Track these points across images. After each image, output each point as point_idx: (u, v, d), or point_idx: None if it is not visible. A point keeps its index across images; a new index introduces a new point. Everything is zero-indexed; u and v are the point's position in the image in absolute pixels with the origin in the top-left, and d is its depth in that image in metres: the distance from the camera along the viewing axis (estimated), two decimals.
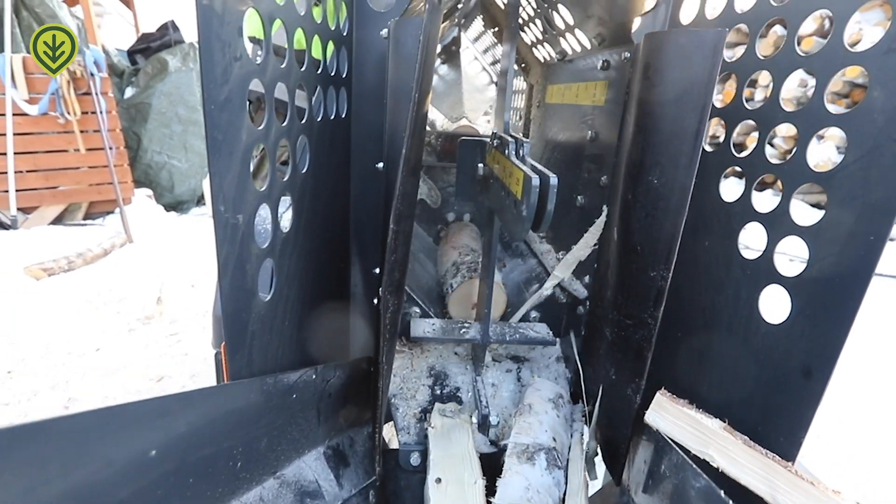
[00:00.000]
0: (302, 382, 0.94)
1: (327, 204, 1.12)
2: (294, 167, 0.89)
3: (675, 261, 0.93)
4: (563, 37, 1.47)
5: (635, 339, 1.00)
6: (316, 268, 1.08)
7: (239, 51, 0.65)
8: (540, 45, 1.75)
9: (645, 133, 0.94)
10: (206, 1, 0.58)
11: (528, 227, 0.78)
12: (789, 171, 0.87)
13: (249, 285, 0.76)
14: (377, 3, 1.18)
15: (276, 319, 0.87)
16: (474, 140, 1.21)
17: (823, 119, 0.82)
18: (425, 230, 2.04)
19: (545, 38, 1.63)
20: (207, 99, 0.60)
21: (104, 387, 2.38)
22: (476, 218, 1.81)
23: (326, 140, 1.07)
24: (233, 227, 0.68)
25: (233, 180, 0.67)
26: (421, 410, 1.26)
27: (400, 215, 0.87)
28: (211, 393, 0.67)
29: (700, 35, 0.83)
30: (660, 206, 0.92)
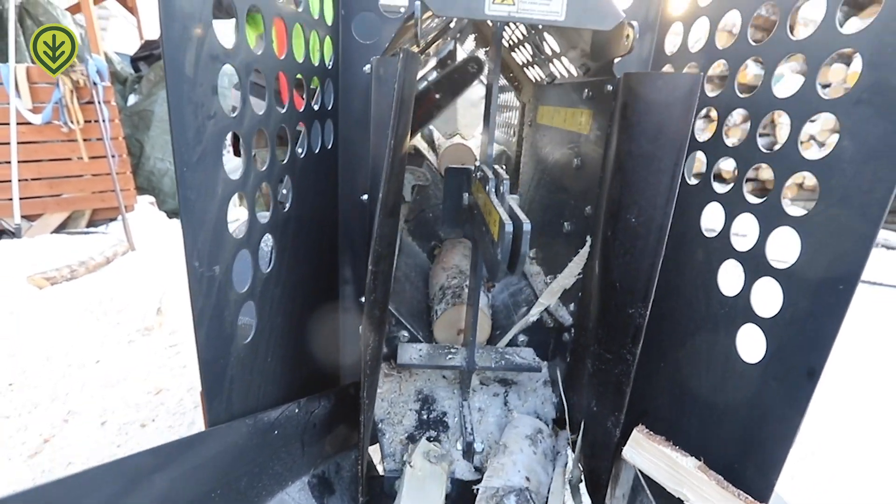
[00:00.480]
0: (284, 418, 0.96)
1: (313, 236, 1.14)
2: (275, 208, 0.90)
3: (659, 293, 0.93)
4: (550, 62, 1.48)
5: (614, 374, 1.01)
6: (302, 300, 1.09)
7: (213, 109, 0.66)
8: (530, 66, 1.75)
9: (623, 171, 0.94)
10: (175, 65, 0.59)
11: (503, 270, 0.79)
12: (765, 211, 0.88)
13: (228, 331, 0.77)
14: (363, 35, 1.20)
15: (257, 359, 0.89)
16: (460, 169, 1.21)
17: (798, 164, 0.82)
18: (420, 246, 2.06)
19: (535, 60, 1.63)
20: (179, 161, 0.61)
21: (103, 399, 2.41)
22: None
23: (311, 174, 1.08)
24: (208, 279, 0.70)
25: (207, 234, 0.69)
26: (407, 437, 1.28)
27: (378, 256, 0.88)
28: (185, 445, 0.69)
29: (676, 78, 0.83)
30: (638, 245, 0.93)
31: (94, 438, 2.14)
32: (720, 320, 0.96)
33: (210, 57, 0.64)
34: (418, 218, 2.03)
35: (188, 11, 0.59)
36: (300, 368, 1.13)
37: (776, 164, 0.86)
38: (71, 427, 2.22)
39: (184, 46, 0.59)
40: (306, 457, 1.06)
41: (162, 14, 0.56)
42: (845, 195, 0.73)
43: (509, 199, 0.88)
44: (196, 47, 0.61)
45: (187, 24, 0.59)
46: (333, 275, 1.35)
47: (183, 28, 0.59)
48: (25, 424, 2.23)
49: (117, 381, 2.54)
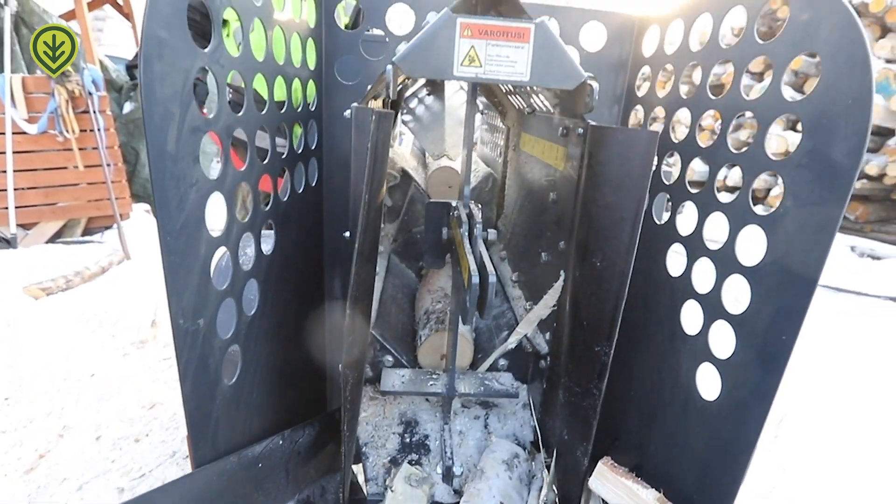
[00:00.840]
0: (268, 451, 1.01)
1: (298, 272, 1.19)
2: (259, 254, 0.95)
3: (629, 326, 0.98)
4: (529, 95, 1.53)
5: (583, 406, 1.06)
6: (286, 333, 1.14)
7: (195, 177, 0.71)
8: (513, 94, 1.80)
9: (589, 218, 0.99)
10: (157, 144, 0.64)
11: (471, 316, 0.84)
12: (721, 257, 0.93)
13: (213, 377, 0.82)
14: (345, 76, 1.24)
15: (242, 396, 0.93)
16: (440, 203, 1.26)
17: (748, 216, 0.87)
18: (409, 266, 2.10)
19: (516, 90, 1.68)
20: (163, 230, 0.66)
21: (98, 413, 2.45)
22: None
23: (295, 214, 1.13)
24: (193, 332, 0.74)
25: (192, 291, 0.73)
26: (390, 460, 1.33)
27: (355, 299, 0.93)
28: (169, 490, 0.73)
29: (636, 134, 0.88)
30: (602, 287, 0.98)
31: (88, 454, 2.18)
32: (682, 357, 1.01)
33: (191, 130, 0.69)
34: (406, 239, 2.08)
35: (169, 94, 0.64)
36: (286, 397, 1.18)
37: (730, 212, 0.92)
38: (66, 442, 2.26)
39: (165, 126, 0.64)
40: (291, 484, 1.10)
41: (144, 100, 0.61)
42: (788, 251, 0.78)
43: (480, 245, 0.93)
44: (177, 124, 0.66)
45: (168, 107, 0.64)
46: (319, 302, 1.40)
47: (164, 110, 0.63)
48: (21, 439, 2.27)
49: (112, 394, 2.58)
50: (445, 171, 2.00)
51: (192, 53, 0.68)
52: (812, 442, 2.46)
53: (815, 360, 3.16)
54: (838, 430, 2.55)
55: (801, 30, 0.77)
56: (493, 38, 0.84)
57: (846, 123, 0.70)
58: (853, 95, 0.68)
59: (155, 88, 0.61)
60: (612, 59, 1.29)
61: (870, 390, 2.93)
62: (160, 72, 0.62)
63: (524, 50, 0.85)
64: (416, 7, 1.23)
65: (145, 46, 0.60)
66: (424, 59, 0.84)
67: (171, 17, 0.62)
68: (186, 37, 0.65)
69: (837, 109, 0.70)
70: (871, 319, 3.76)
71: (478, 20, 0.83)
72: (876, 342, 3.49)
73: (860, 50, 0.66)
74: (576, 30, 1.26)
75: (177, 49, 0.64)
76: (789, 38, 0.79)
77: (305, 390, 1.30)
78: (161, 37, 0.60)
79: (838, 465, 2.30)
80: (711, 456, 0.93)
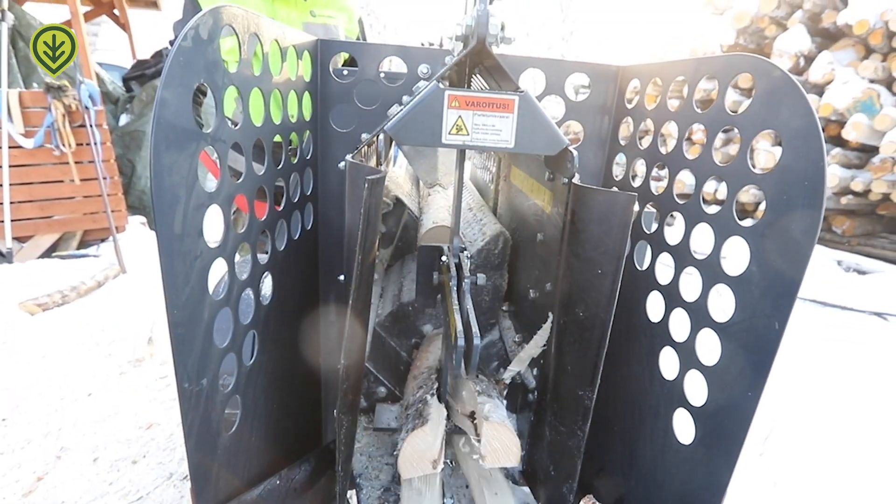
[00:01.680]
0: (266, 492, 1.05)
1: (295, 316, 1.23)
2: (258, 307, 1.00)
3: (611, 365, 1.03)
4: None
5: (567, 446, 1.11)
6: (283, 378, 1.19)
7: (199, 250, 0.76)
8: None
9: (572, 270, 1.05)
10: (166, 226, 0.69)
11: (458, 372, 0.89)
12: (696, 310, 0.99)
13: (214, 430, 0.86)
14: (340, 124, 1.30)
15: (241, 443, 0.98)
16: (432, 247, 1.32)
17: (719, 276, 0.93)
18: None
19: None
20: (170, 304, 0.71)
21: (95, 434, 2.48)
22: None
23: (292, 261, 1.18)
24: (197, 393, 0.79)
25: (196, 355, 0.78)
26: (384, 491, 1.37)
27: (349, 350, 0.98)
28: None
29: (615, 196, 0.94)
30: (585, 336, 1.04)
31: (86, 476, 2.21)
32: (661, 401, 1.07)
33: (196, 208, 0.74)
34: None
35: (177, 181, 0.69)
36: (283, 435, 1.22)
37: (703, 269, 0.97)
38: (63, 464, 2.28)
39: (173, 211, 0.69)
40: None
41: (154, 189, 0.66)
42: (753, 313, 0.84)
43: (467, 301, 0.98)
44: (183, 206, 0.71)
45: (176, 192, 0.69)
46: (315, 339, 1.45)
47: (172, 196, 0.68)
48: (18, 462, 2.29)
49: (109, 415, 2.61)
50: (438, 231, 1.85)
51: (197, 137, 0.73)
52: (799, 457, 2.52)
53: (800, 374, 3.24)
54: (825, 445, 2.61)
55: (765, 108, 0.83)
56: (479, 108, 0.89)
57: (802, 200, 0.76)
58: (808, 176, 0.74)
59: (164, 178, 0.66)
60: (596, 105, 1.35)
61: (855, 405, 3.00)
62: (168, 162, 0.67)
63: (509, 119, 0.90)
64: (406, 58, 1.28)
65: (155, 138, 0.65)
66: (414, 127, 0.90)
67: (178, 113, 0.67)
68: (192, 124, 0.70)
69: (795, 187, 0.76)
70: (857, 334, 3.84)
71: (464, 93, 0.88)
72: (861, 357, 3.56)
73: (815, 139, 0.72)
74: (561, 80, 1.32)
75: (183, 139, 0.69)
76: (754, 115, 0.85)
77: (301, 425, 1.34)
78: (168, 134, 0.66)
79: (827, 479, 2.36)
80: (687, 495, 0.98)
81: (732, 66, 0.92)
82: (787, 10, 5.22)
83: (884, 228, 5.22)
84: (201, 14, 0.70)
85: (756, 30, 5.48)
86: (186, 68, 0.68)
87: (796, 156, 0.77)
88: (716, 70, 0.96)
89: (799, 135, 0.77)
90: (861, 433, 2.76)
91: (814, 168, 0.73)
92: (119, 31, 7.67)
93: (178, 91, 0.67)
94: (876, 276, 4.53)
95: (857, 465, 2.51)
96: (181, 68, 0.67)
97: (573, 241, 1.05)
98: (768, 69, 0.83)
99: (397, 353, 1.72)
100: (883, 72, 4.54)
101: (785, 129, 0.79)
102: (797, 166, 0.77)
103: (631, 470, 1.15)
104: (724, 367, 0.90)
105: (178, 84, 0.66)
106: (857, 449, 2.63)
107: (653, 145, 1.15)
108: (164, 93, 0.64)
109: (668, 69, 1.10)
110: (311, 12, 2.14)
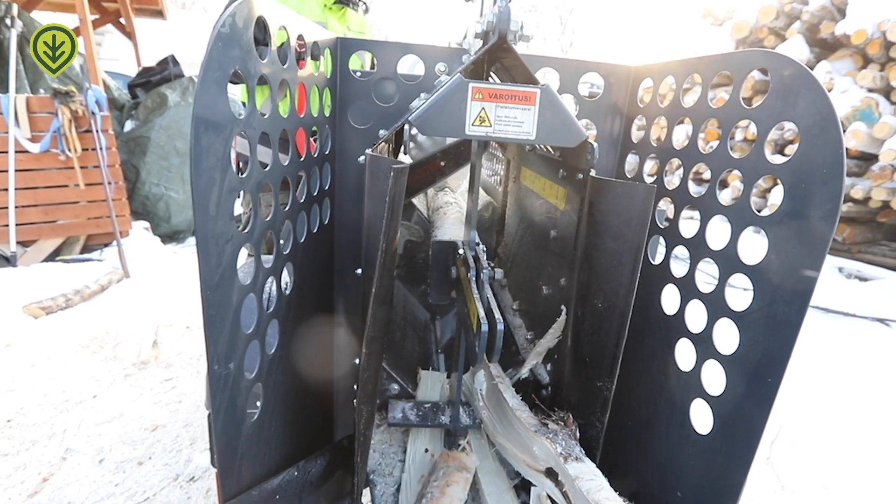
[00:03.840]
0: (285, 482, 1.05)
1: (311, 307, 1.24)
2: (280, 295, 1.01)
3: (626, 360, 1.04)
4: None
5: (586, 438, 1.12)
6: (299, 368, 1.19)
7: (231, 233, 0.77)
8: None
9: (591, 262, 1.06)
10: (203, 210, 0.70)
11: (480, 361, 0.90)
12: (713, 301, 1.00)
13: (239, 416, 0.87)
14: (358, 121, 1.32)
15: (262, 432, 0.98)
16: (447, 243, 1.33)
17: (737, 265, 0.95)
18: (411, 290, 2.13)
19: None
20: (204, 286, 0.72)
21: (100, 436, 2.47)
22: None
23: (310, 254, 1.19)
24: (225, 376, 0.80)
25: (225, 338, 0.79)
26: (397, 487, 1.37)
27: (371, 339, 0.99)
28: None
29: (634, 188, 0.96)
30: (604, 327, 1.05)
31: (92, 477, 2.20)
32: (677, 393, 1.07)
33: (228, 191, 0.76)
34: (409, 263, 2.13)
35: (213, 162, 0.70)
36: (298, 428, 1.23)
37: (720, 260, 0.99)
38: (69, 465, 2.27)
39: (209, 192, 0.71)
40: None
41: (193, 171, 0.67)
42: (773, 300, 0.86)
43: (487, 290, 0.99)
44: (218, 188, 0.73)
45: (212, 174, 0.70)
46: (329, 334, 1.45)
47: (208, 178, 0.70)
48: (24, 462, 2.28)
49: (113, 417, 2.60)
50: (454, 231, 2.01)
51: (231, 122, 0.74)
52: (806, 460, 2.52)
53: (805, 379, 3.24)
54: (830, 449, 2.61)
55: (781, 101, 0.85)
56: (501, 101, 0.91)
57: (821, 188, 0.77)
58: (827, 164, 0.76)
59: (202, 160, 0.68)
60: (608, 105, 1.37)
61: (859, 409, 3.00)
62: (206, 144, 0.68)
63: (530, 112, 0.92)
64: (424, 56, 1.31)
65: (195, 120, 0.67)
66: (438, 118, 0.92)
67: (216, 97, 0.69)
68: (227, 110, 0.72)
69: (814, 175, 0.78)
70: (860, 339, 3.85)
71: (488, 85, 0.90)
72: (864, 362, 3.57)
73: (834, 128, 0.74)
74: (574, 80, 1.34)
75: (220, 122, 0.71)
76: (770, 108, 0.87)
77: (315, 420, 1.34)
78: (207, 117, 0.67)
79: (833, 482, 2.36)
80: (706, 484, 0.99)
81: (748, 61, 0.95)
82: (786, 21, 5.30)
83: (884, 236, 5.25)
84: (238, 3, 0.72)
85: (755, 40, 5.56)
86: (224, 54, 0.70)
87: (814, 146, 0.79)
88: (731, 66, 0.98)
89: (816, 125, 0.79)
90: (866, 437, 2.76)
91: (833, 156, 0.75)
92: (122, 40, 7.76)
93: (217, 76, 0.69)
94: (877, 283, 4.55)
95: (863, 469, 2.50)
96: (220, 53, 0.69)
97: (592, 233, 1.06)
98: (785, 63, 0.85)
99: (408, 351, 1.73)
100: (881, 81, 4.61)
101: (802, 119, 0.81)
102: (815, 156, 0.79)
103: (647, 463, 1.15)
104: (744, 355, 0.91)
105: (216, 69, 0.68)
106: (862, 452, 2.63)
107: (666, 141, 1.17)
108: (206, 75, 0.66)
109: (682, 67, 1.13)
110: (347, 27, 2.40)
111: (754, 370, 0.89)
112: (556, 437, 1.12)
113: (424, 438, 1.44)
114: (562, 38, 18.15)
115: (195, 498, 2.07)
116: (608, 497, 0.88)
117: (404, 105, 1.31)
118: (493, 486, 1.37)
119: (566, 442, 1.09)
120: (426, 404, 1.46)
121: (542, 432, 1.14)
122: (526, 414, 1.22)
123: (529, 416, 1.21)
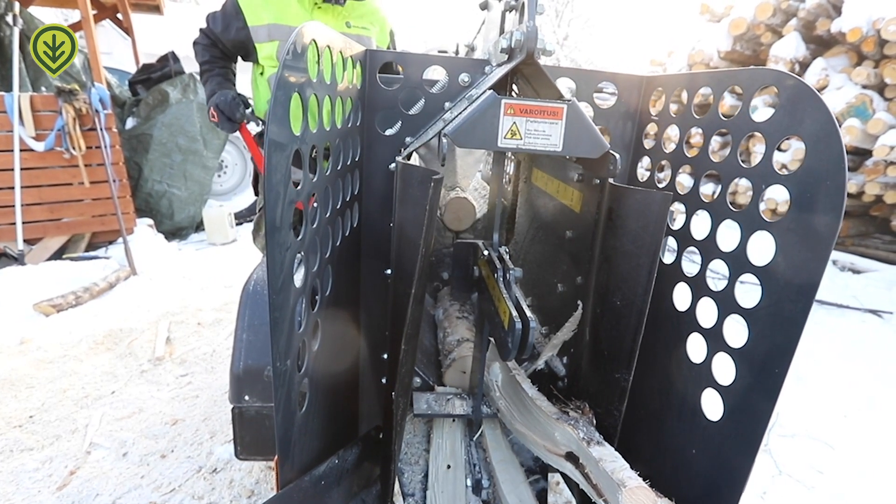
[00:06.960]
0: (328, 470, 1.14)
1: (344, 306, 1.32)
2: (322, 296, 1.08)
3: (640, 352, 1.13)
4: None
5: (604, 426, 1.21)
6: (333, 364, 1.27)
7: (289, 242, 0.85)
8: None
9: (609, 262, 1.15)
10: (272, 222, 0.78)
11: (512, 357, 0.98)
12: (723, 298, 1.09)
13: (293, 408, 0.95)
14: (384, 127, 1.39)
15: (308, 423, 1.06)
16: (469, 243, 1.41)
17: (746, 266, 1.03)
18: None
19: None
20: (272, 290, 0.80)
21: (122, 431, 2.54)
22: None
23: (344, 257, 1.26)
24: (284, 372, 0.88)
25: (284, 339, 0.87)
26: (423, 475, 1.46)
27: (409, 337, 1.07)
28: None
29: (651, 195, 1.04)
30: (622, 323, 1.13)
31: (117, 470, 2.27)
32: (689, 383, 1.16)
33: (288, 203, 0.83)
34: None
35: (279, 179, 0.78)
36: (333, 420, 1.31)
37: (730, 261, 1.07)
38: (94, 458, 2.35)
39: (275, 205, 0.78)
40: (342, 499, 1.23)
41: (266, 188, 0.74)
42: (779, 298, 0.94)
43: (516, 290, 1.07)
44: (282, 203, 0.80)
45: (278, 190, 0.78)
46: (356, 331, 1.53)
47: (276, 194, 0.77)
48: (49, 457, 2.35)
49: (133, 412, 2.67)
50: (459, 202, 2.15)
51: (291, 139, 0.82)
52: (801, 449, 2.63)
53: (801, 370, 3.35)
54: (825, 438, 2.73)
55: (788, 116, 0.93)
56: (531, 115, 0.99)
57: (825, 197, 0.86)
58: (830, 175, 0.84)
59: (272, 177, 0.75)
60: (621, 112, 1.45)
61: (854, 398, 3.12)
62: (275, 161, 0.76)
63: (558, 125, 1.00)
64: (448, 67, 1.38)
65: (269, 140, 0.74)
66: (472, 132, 0.99)
67: (282, 118, 0.76)
68: (289, 128, 0.79)
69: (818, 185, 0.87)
70: (854, 330, 3.97)
71: (519, 101, 0.98)
72: (859, 352, 3.69)
73: (836, 142, 0.82)
74: (590, 89, 1.42)
75: (283, 140, 0.78)
76: (778, 122, 0.95)
77: (346, 413, 1.42)
78: (276, 139, 0.75)
79: (828, 469, 2.47)
80: (716, 468, 1.08)
81: (757, 78, 1.02)
82: (783, 18, 5.38)
83: (877, 229, 5.38)
84: (296, 32, 0.79)
85: (752, 37, 5.64)
86: (287, 81, 0.77)
87: (819, 158, 0.87)
88: (741, 82, 1.06)
89: (820, 139, 0.87)
90: (860, 425, 2.88)
91: (835, 168, 0.83)
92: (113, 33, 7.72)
93: (283, 100, 0.76)
94: (870, 275, 4.68)
95: (856, 455, 2.62)
96: (285, 81, 0.76)
97: (611, 236, 1.14)
98: (790, 81, 0.93)
99: (427, 345, 1.81)
100: (875, 78, 4.71)
101: (807, 133, 0.89)
102: (819, 167, 0.87)
103: (660, 449, 1.24)
104: (752, 348, 0.99)
105: (283, 94, 0.75)
106: (856, 439, 2.74)
107: (678, 149, 1.25)
108: (277, 98, 0.73)
109: (693, 81, 1.21)
110: (346, 23, 2.26)
111: (762, 362, 0.97)
112: (578, 423, 1.21)
113: (448, 428, 1.52)
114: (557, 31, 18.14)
115: (219, 489, 2.15)
116: (630, 476, 0.97)
117: (430, 112, 1.38)
118: (508, 475, 1.46)
119: (587, 428, 1.18)
120: (447, 396, 1.54)
121: (563, 419, 1.23)
122: (545, 403, 1.31)
123: (549, 405, 1.30)
